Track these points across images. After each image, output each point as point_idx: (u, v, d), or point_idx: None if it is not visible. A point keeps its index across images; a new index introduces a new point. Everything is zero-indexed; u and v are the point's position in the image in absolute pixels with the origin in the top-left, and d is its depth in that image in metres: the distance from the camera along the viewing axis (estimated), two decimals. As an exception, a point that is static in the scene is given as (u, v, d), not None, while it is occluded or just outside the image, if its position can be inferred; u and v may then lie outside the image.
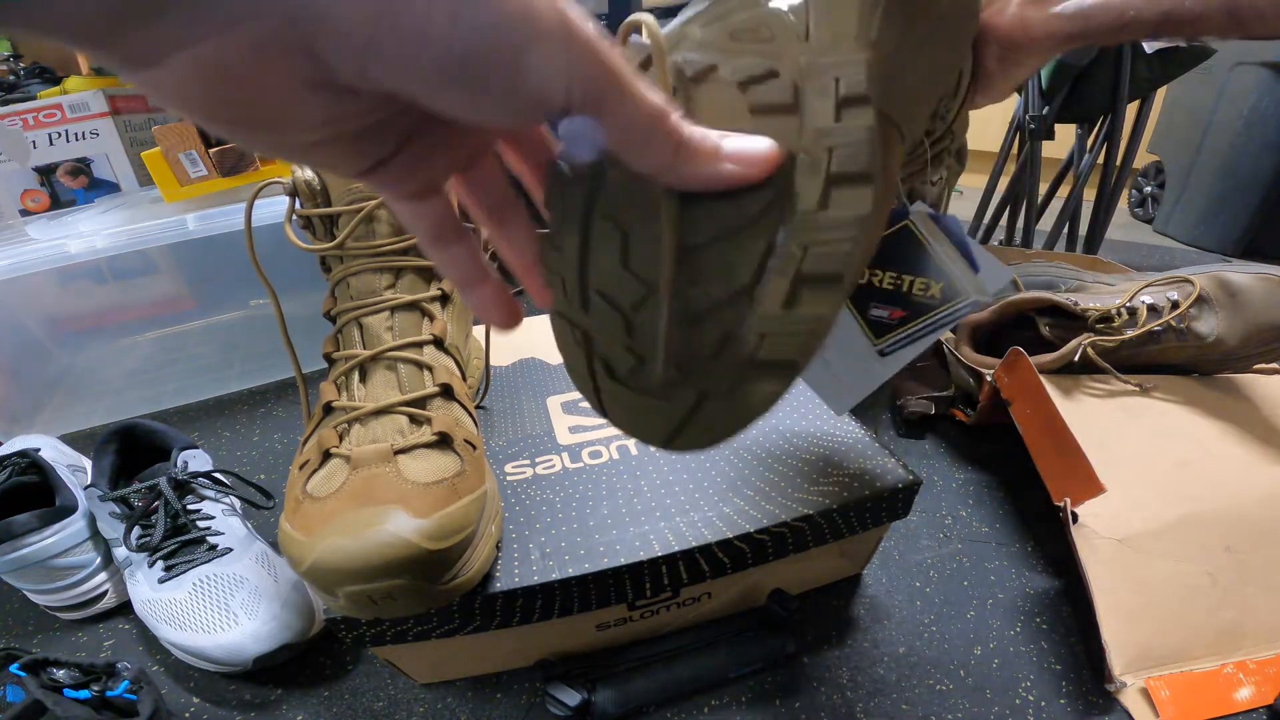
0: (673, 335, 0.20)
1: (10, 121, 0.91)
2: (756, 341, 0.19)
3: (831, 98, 0.18)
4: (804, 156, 0.18)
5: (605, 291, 0.21)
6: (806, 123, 0.18)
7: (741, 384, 0.19)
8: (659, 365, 0.20)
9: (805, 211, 0.18)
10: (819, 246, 0.18)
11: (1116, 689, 0.36)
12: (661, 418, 0.21)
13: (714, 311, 0.19)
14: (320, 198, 0.37)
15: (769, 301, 0.18)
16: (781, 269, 0.18)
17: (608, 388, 0.23)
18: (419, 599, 0.28)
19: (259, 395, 0.72)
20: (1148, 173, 1.61)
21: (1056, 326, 0.55)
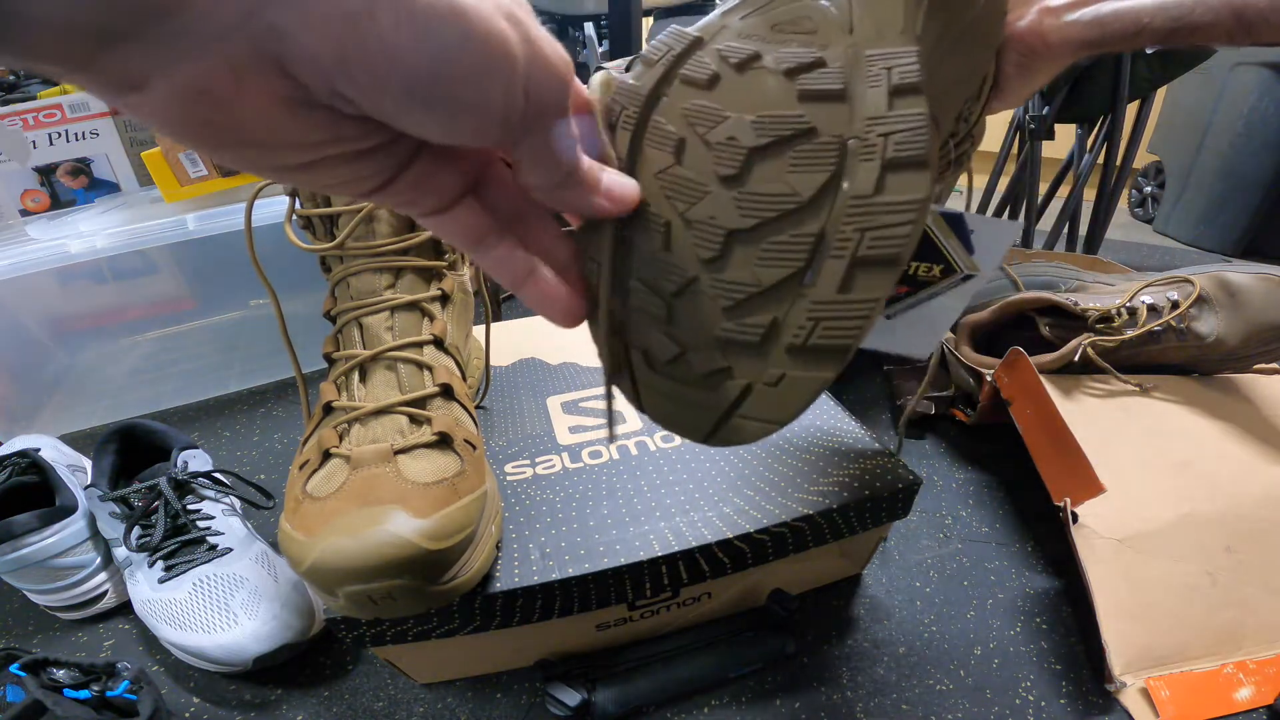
0: (719, 322, 0.20)
1: (10, 121, 0.90)
2: (810, 327, 0.18)
3: (884, 87, 0.18)
4: (855, 142, 0.18)
5: (645, 279, 0.21)
6: (857, 111, 0.18)
7: (790, 371, 0.19)
8: (703, 354, 0.20)
9: (861, 196, 0.18)
10: (876, 230, 0.18)
11: (1116, 689, 0.36)
12: (704, 410, 0.21)
13: (764, 297, 0.19)
14: (320, 198, 0.37)
15: (823, 286, 0.18)
16: (837, 252, 0.18)
17: (646, 379, 0.22)
18: (419, 599, 0.28)
19: (259, 395, 0.72)
20: (1148, 173, 1.61)
21: (1056, 326, 0.55)
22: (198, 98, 0.13)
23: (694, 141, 0.20)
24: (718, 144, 0.19)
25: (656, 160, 0.20)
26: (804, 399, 0.20)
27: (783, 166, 0.19)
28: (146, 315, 0.71)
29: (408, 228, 0.38)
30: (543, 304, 0.21)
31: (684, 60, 0.20)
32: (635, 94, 0.20)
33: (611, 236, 0.21)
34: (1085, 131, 0.89)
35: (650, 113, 0.20)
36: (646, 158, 0.20)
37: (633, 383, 0.23)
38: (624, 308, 0.22)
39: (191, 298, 0.72)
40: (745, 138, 0.19)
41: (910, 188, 0.17)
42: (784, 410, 0.20)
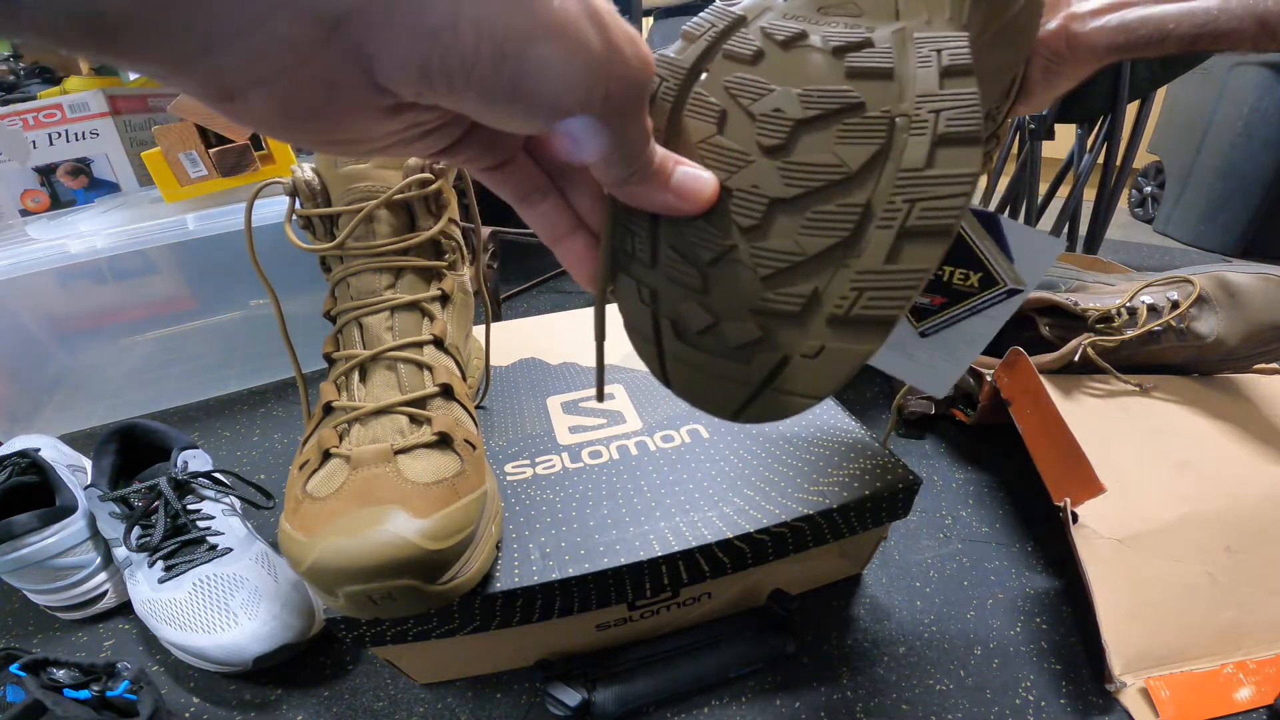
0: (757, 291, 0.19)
1: (10, 121, 0.90)
2: (854, 298, 0.18)
3: (934, 68, 0.18)
4: (904, 120, 0.18)
5: (679, 246, 0.20)
6: (908, 89, 0.18)
7: (831, 343, 0.19)
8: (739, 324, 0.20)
9: (910, 169, 0.18)
10: (927, 201, 0.18)
11: (1116, 689, 0.36)
12: (736, 383, 0.21)
13: (806, 266, 0.19)
14: (320, 198, 0.37)
15: (869, 255, 0.18)
16: (884, 223, 0.18)
17: (675, 350, 0.22)
18: (419, 599, 0.28)
19: (259, 395, 0.72)
20: (1148, 173, 1.61)
21: (1056, 326, 0.55)
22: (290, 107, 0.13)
23: (737, 113, 0.20)
24: (762, 115, 0.19)
25: (697, 130, 0.20)
26: (843, 373, 0.19)
27: (830, 138, 0.19)
28: (146, 315, 0.71)
29: (408, 228, 0.38)
30: (575, 263, 0.22)
31: (728, 36, 0.20)
32: (676, 66, 0.20)
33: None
34: (1085, 131, 0.89)
35: (691, 85, 0.20)
36: (686, 128, 0.20)
37: (659, 354, 0.22)
38: (653, 274, 0.21)
39: (191, 298, 0.72)
40: (791, 109, 0.19)
41: (962, 162, 0.18)
42: (821, 384, 0.19)
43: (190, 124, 0.66)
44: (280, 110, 0.13)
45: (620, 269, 0.22)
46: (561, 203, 0.21)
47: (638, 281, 0.22)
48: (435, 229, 0.38)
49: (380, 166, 0.36)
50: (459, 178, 0.40)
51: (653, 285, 0.21)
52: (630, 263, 0.22)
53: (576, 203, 0.21)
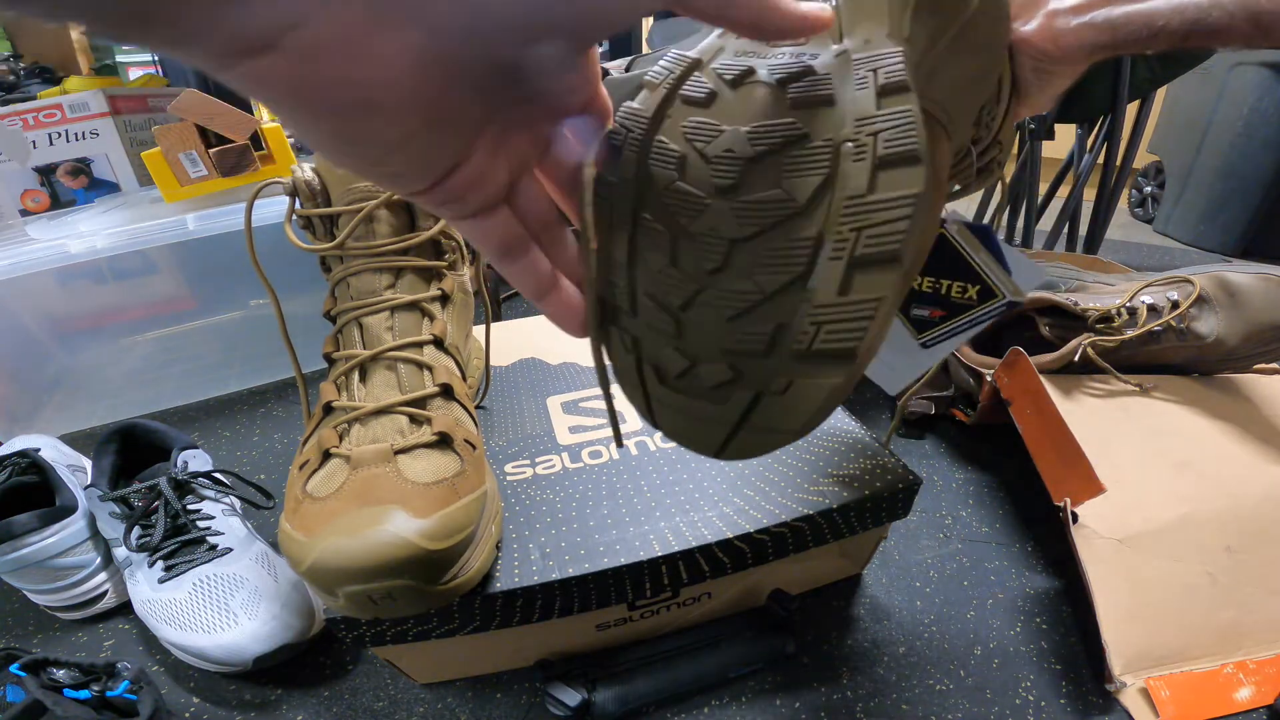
0: (725, 332, 0.20)
1: (10, 121, 0.90)
2: (813, 332, 0.18)
3: (871, 88, 0.18)
4: (849, 145, 0.18)
5: (654, 293, 0.21)
6: (848, 113, 0.18)
7: (798, 379, 0.19)
8: (712, 365, 0.20)
9: (854, 195, 0.18)
10: (872, 228, 0.18)
11: (1116, 689, 0.36)
12: (715, 422, 0.21)
13: (767, 304, 0.19)
14: (320, 198, 0.37)
15: (823, 289, 0.18)
16: (834, 254, 0.18)
17: (658, 394, 0.22)
18: (419, 599, 0.28)
19: (259, 395, 0.72)
20: (1148, 173, 1.61)
21: (1056, 326, 0.55)
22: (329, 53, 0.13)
23: (694, 157, 0.20)
24: (715, 157, 0.19)
25: (661, 178, 0.20)
26: (813, 407, 0.19)
27: (777, 173, 0.19)
28: (146, 315, 0.71)
29: (408, 228, 0.38)
30: (563, 316, 0.22)
31: (683, 81, 0.21)
32: (639, 116, 0.21)
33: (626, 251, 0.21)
34: (1085, 131, 0.89)
35: (654, 133, 0.21)
36: (652, 177, 0.21)
37: (645, 399, 0.23)
38: (635, 322, 0.22)
39: (191, 298, 0.72)
40: (740, 148, 0.19)
41: (902, 183, 0.18)
42: (793, 419, 0.20)
43: (190, 124, 0.66)
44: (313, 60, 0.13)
45: (608, 320, 0.23)
46: (542, 257, 0.21)
47: (621, 330, 0.22)
48: (435, 229, 0.38)
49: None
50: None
51: (634, 333, 0.22)
52: (615, 313, 0.22)
53: (556, 258, 0.22)
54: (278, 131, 0.71)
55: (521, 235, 0.21)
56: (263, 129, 0.70)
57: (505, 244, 0.20)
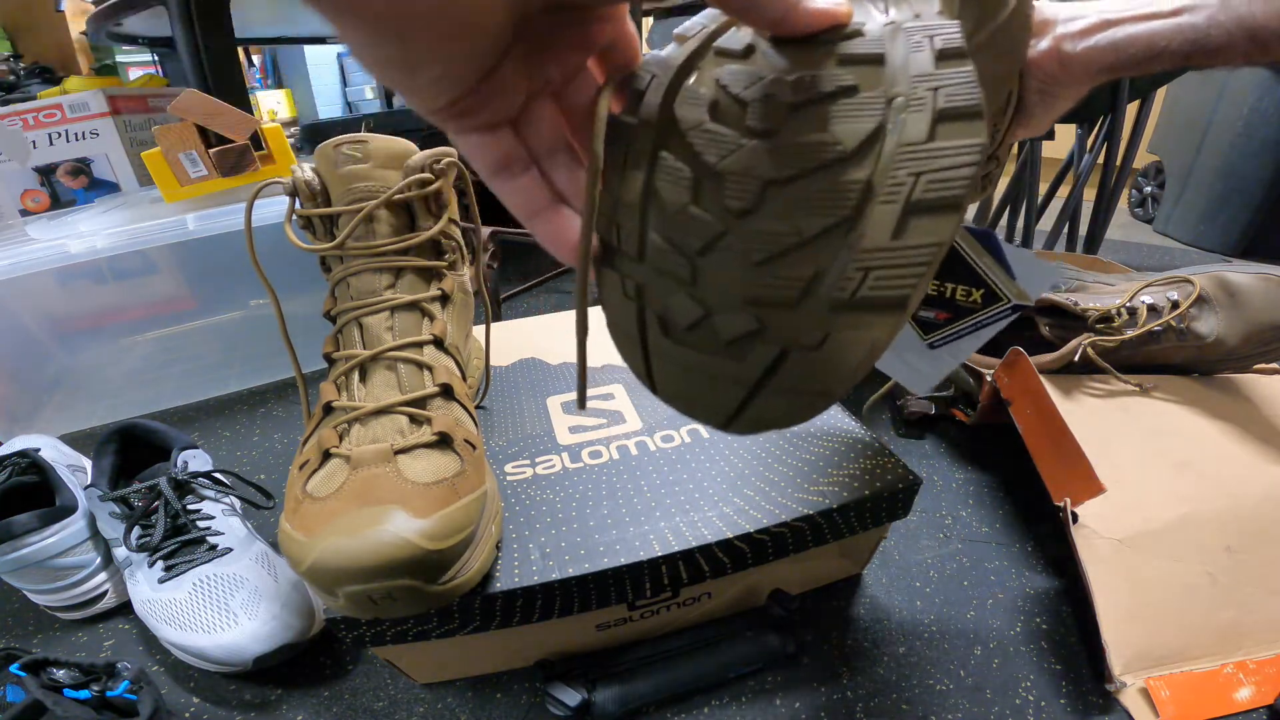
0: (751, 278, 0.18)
1: (10, 121, 0.91)
2: (858, 278, 0.17)
3: (928, 50, 0.18)
4: (901, 100, 0.17)
5: (669, 235, 0.19)
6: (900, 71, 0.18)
7: (836, 331, 0.18)
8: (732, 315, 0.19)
9: (912, 143, 0.17)
10: (933, 173, 0.17)
11: (1116, 689, 0.36)
12: (729, 383, 0.19)
13: (804, 248, 0.18)
14: (320, 198, 0.37)
15: (874, 233, 0.17)
16: (888, 198, 0.17)
17: (662, 349, 0.20)
18: (419, 599, 0.28)
19: (259, 395, 0.72)
20: (1148, 173, 1.61)
21: (1056, 326, 0.55)
22: None
23: (727, 101, 0.19)
24: (754, 100, 0.18)
25: (687, 119, 0.19)
26: (850, 364, 0.18)
27: (824, 119, 0.18)
28: (146, 315, 0.71)
29: (408, 228, 0.38)
30: (555, 238, 0.21)
31: (719, 35, 0.20)
32: (666, 63, 0.20)
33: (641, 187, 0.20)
34: (1085, 131, 0.89)
35: (683, 79, 0.20)
36: (677, 117, 0.19)
37: (644, 355, 0.21)
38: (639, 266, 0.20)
39: (191, 298, 0.72)
40: (783, 94, 0.18)
41: (966, 133, 0.17)
42: (826, 378, 0.18)
43: (190, 124, 0.66)
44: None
45: (604, 264, 0.21)
46: (540, 178, 0.21)
47: (622, 276, 0.21)
48: (435, 229, 0.38)
49: (380, 166, 0.36)
50: (459, 178, 0.40)
51: (639, 279, 0.20)
52: (615, 256, 0.21)
53: (556, 179, 0.21)
54: (278, 131, 0.71)
55: (519, 155, 0.20)
56: (263, 129, 0.70)
57: (501, 162, 0.20)
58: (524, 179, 0.21)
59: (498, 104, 0.19)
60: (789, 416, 0.19)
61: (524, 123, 0.20)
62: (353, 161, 0.36)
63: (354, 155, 0.36)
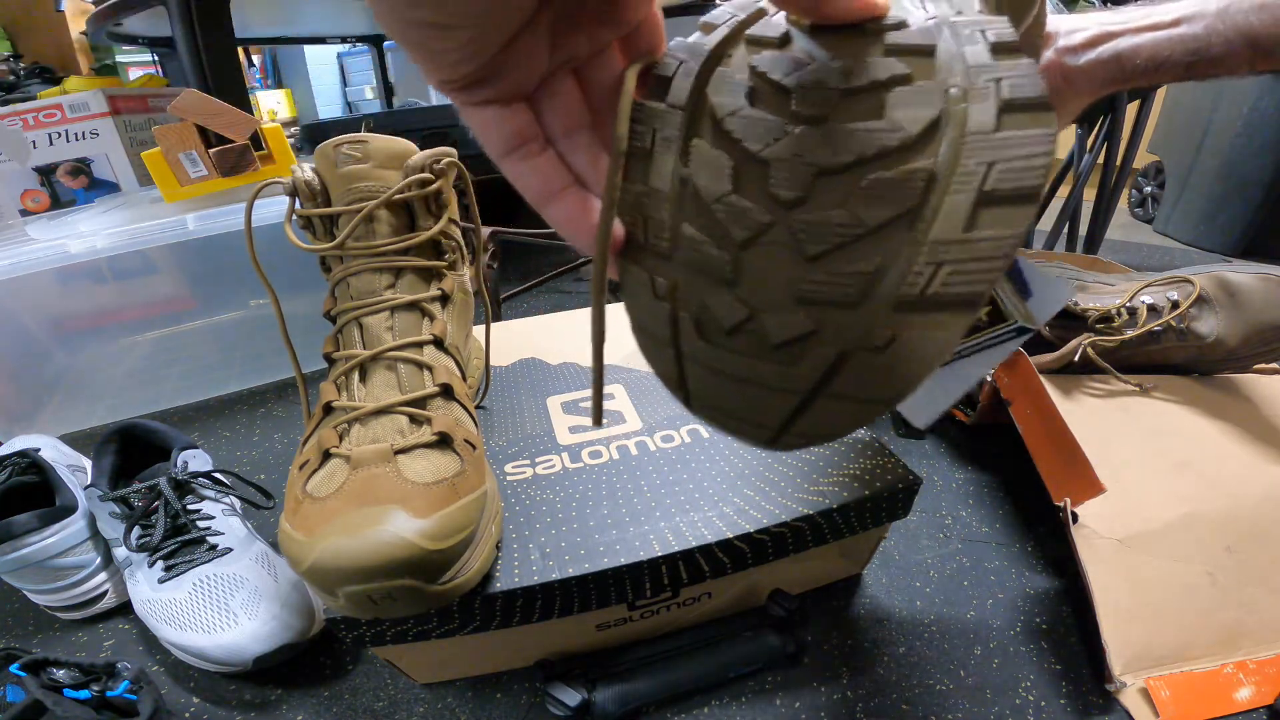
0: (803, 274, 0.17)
1: (10, 121, 0.91)
2: (929, 273, 0.16)
3: (983, 44, 0.17)
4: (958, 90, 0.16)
5: (705, 227, 0.18)
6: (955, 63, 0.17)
7: (904, 331, 0.16)
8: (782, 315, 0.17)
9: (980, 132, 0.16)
10: (1006, 162, 0.16)
11: (1116, 689, 0.36)
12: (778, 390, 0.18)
13: (865, 241, 0.16)
14: (320, 198, 0.37)
15: (942, 224, 0.16)
16: (959, 187, 0.16)
17: (698, 354, 0.19)
18: (419, 599, 0.28)
19: (259, 395, 0.72)
20: (1148, 173, 1.60)
21: (1056, 326, 0.55)
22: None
23: (767, 88, 0.18)
24: (799, 86, 0.17)
25: (723, 105, 0.18)
26: (920, 367, 0.16)
27: (880, 106, 0.17)
28: (146, 315, 0.71)
29: (408, 228, 0.38)
30: (573, 223, 0.20)
31: (750, 24, 0.19)
32: (696, 49, 0.19)
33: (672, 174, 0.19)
34: (1085, 131, 0.89)
35: (714, 65, 0.19)
36: (710, 104, 0.18)
37: (677, 360, 0.19)
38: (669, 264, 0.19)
39: (191, 298, 0.72)
40: (832, 79, 0.17)
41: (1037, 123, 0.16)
42: (892, 383, 0.17)
43: (190, 124, 0.66)
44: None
45: (629, 260, 0.20)
46: (556, 159, 0.20)
47: (651, 273, 0.19)
48: (435, 229, 0.38)
49: (380, 166, 0.36)
50: (459, 178, 0.40)
51: (670, 276, 0.19)
52: (642, 252, 0.19)
53: (574, 162, 0.20)
54: (278, 131, 0.71)
55: (534, 134, 0.19)
56: (263, 129, 0.70)
57: (515, 139, 0.19)
58: (540, 159, 0.20)
59: (517, 74, 0.18)
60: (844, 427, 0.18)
61: (544, 98, 0.19)
62: (353, 161, 0.36)
63: (354, 155, 0.36)
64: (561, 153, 0.20)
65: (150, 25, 1.07)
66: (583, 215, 0.20)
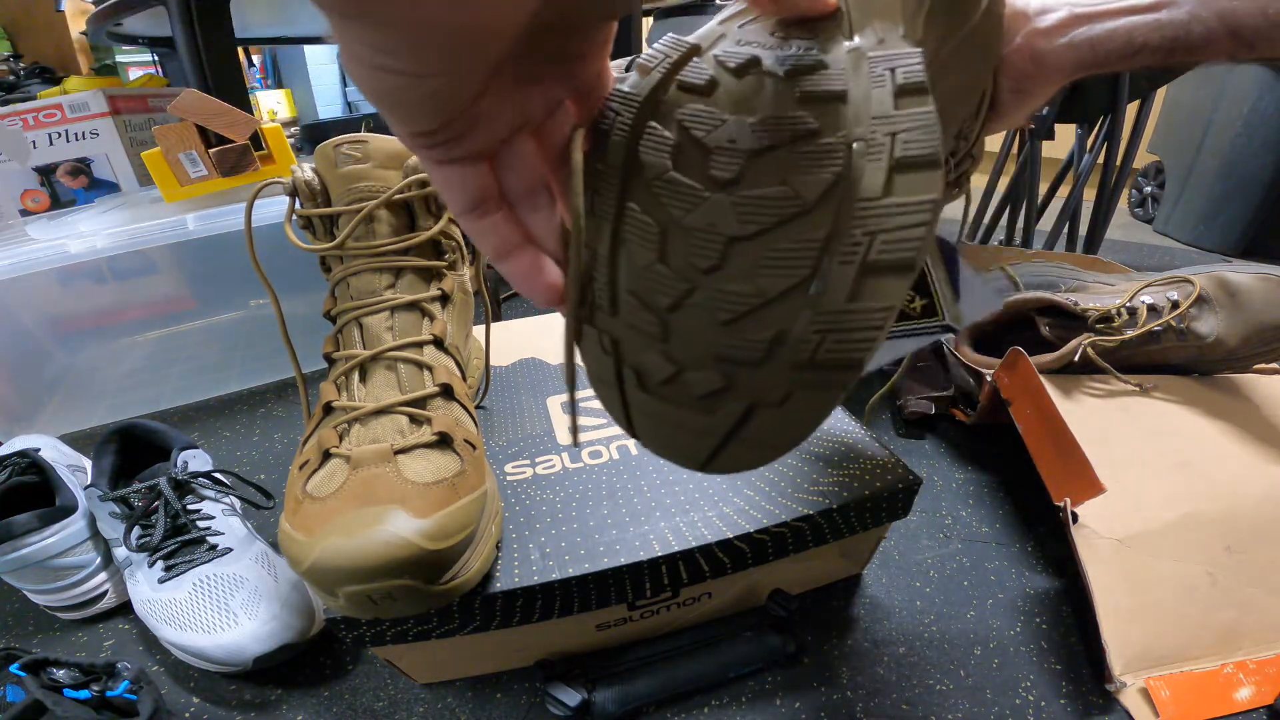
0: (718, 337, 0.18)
1: (10, 121, 0.91)
2: (816, 340, 0.17)
3: (888, 87, 0.17)
4: (861, 145, 0.17)
5: (638, 291, 0.19)
6: (862, 111, 0.17)
7: (798, 389, 0.18)
8: (701, 372, 0.19)
9: (869, 198, 0.17)
10: (888, 233, 0.17)
11: (1116, 689, 0.36)
12: (701, 434, 0.20)
13: (766, 308, 0.18)
14: (320, 198, 0.37)
15: (831, 294, 0.17)
16: (844, 258, 0.17)
17: (638, 401, 0.21)
18: (419, 599, 0.28)
19: (259, 395, 0.72)
20: (1148, 173, 1.60)
21: (1056, 326, 0.55)
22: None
23: (690, 146, 0.19)
24: (716, 148, 0.18)
25: (652, 166, 0.19)
26: (812, 420, 0.18)
27: (785, 169, 0.18)
28: (146, 315, 0.71)
29: (408, 228, 0.38)
30: (524, 279, 0.21)
31: (681, 67, 0.20)
32: (630, 100, 0.20)
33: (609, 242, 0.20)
34: (1085, 131, 0.89)
35: (645, 119, 0.20)
36: (641, 164, 0.19)
37: (623, 406, 0.22)
38: (614, 321, 0.20)
39: (191, 298, 0.72)
40: (744, 140, 0.18)
41: (921, 188, 0.17)
42: (789, 433, 0.19)
43: (190, 124, 0.66)
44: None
45: (584, 316, 0.21)
46: (512, 217, 0.21)
47: (599, 330, 0.21)
48: (435, 229, 0.38)
49: (380, 166, 0.36)
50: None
51: (614, 334, 0.21)
52: (594, 310, 0.21)
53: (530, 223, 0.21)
54: (278, 131, 0.71)
55: (494, 191, 0.20)
56: (263, 129, 0.70)
57: (477, 198, 0.20)
58: (496, 217, 0.20)
59: (482, 134, 0.18)
60: (754, 463, 0.20)
61: (504, 159, 0.20)
62: (353, 161, 0.36)
63: (354, 155, 0.36)
64: (520, 212, 0.21)
65: (150, 25, 1.07)
66: (535, 273, 0.21)
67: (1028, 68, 0.31)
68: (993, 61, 0.30)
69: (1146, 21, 0.29)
